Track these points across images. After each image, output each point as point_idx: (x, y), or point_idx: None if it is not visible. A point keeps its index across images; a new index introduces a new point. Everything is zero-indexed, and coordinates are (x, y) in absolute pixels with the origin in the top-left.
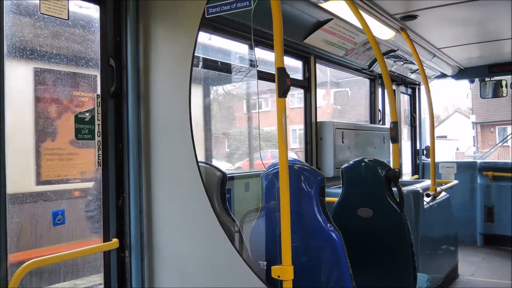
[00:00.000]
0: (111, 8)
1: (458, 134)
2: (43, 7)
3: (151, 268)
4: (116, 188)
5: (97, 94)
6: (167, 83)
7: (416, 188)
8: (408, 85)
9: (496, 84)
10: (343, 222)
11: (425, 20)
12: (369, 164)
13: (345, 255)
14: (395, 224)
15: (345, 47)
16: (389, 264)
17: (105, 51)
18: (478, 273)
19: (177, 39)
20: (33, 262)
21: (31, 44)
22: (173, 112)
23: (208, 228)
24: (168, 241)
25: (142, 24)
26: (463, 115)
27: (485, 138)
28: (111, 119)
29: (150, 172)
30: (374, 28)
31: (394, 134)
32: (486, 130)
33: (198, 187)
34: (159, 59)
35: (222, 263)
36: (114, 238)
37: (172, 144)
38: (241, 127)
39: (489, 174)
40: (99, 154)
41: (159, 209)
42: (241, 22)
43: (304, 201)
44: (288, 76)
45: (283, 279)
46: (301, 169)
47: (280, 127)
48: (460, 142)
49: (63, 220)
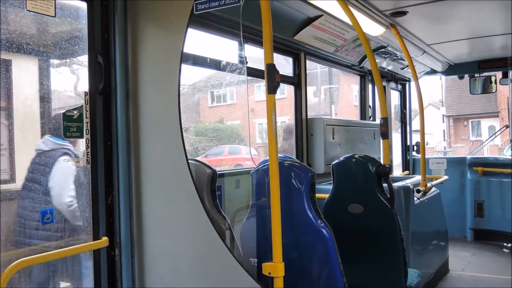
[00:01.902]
0: (98, 5)
1: (430, 128)
2: (29, 5)
3: (141, 266)
4: (105, 186)
5: (85, 91)
6: (156, 80)
7: (406, 184)
8: (398, 81)
9: (485, 80)
10: (334, 218)
11: (415, 16)
12: (359, 160)
13: (336, 251)
14: (386, 220)
15: (335, 44)
16: (380, 259)
17: (93, 48)
18: (468, 268)
19: (166, 35)
20: (21, 262)
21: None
22: (162, 109)
23: (199, 225)
24: (158, 239)
25: (131, 21)
26: (436, 107)
27: (458, 132)
28: (99, 117)
29: (139, 170)
30: (364, 24)
31: (384, 130)
32: (459, 124)
33: (188, 184)
34: (147, 56)
35: (213, 260)
36: (104, 236)
37: (161, 142)
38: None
39: (479, 170)
40: (88, 152)
41: (149, 207)
42: (230, 19)
43: (295, 198)
44: (278, 72)
45: (274, 276)
46: (291, 165)
47: (270, 124)
48: (432, 136)
49: (52, 218)
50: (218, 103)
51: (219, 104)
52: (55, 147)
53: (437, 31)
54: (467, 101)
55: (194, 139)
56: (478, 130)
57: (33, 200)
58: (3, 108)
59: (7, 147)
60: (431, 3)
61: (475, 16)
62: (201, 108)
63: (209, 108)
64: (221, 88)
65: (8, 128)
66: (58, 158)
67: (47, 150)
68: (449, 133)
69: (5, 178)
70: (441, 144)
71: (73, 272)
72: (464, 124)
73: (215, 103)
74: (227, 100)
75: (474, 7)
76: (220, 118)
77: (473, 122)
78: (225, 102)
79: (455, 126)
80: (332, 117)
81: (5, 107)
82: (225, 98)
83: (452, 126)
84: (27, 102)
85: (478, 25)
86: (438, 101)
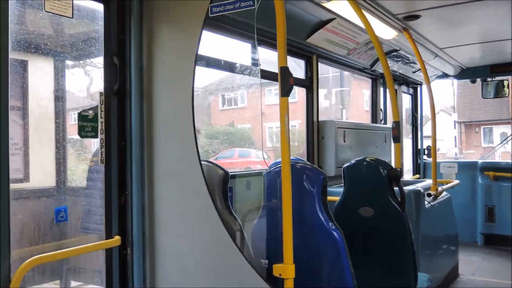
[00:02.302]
0: (115, 7)
1: (441, 134)
2: (47, 5)
3: (153, 266)
4: (119, 185)
5: (100, 91)
6: (170, 81)
7: (417, 187)
8: (410, 85)
9: (498, 84)
10: (345, 221)
11: (428, 20)
12: (370, 164)
13: (347, 254)
14: (396, 223)
15: (348, 47)
16: (390, 263)
17: (109, 49)
18: (478, 273)
19: (180, 37)
20: (35, 259)
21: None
22: (176, 110)
23: (210, 226)
24: (170, 239)
25: (146, 23)
26: (447, 113)
27: (470, 139)
28: (114, 117)
29: (152, 170)
30: (377, 27)
31: (396, 134)
32: (471, 130)
33: (201, 185)
34: (162, 57)
35: (224, 261)
36: (116, 235)
37: (174, 142)
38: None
39: (490, 174)
40: (102, 152)
41: (161, 206)
42: (243, 21)
43: (306, 200)
44: (291, 75)
45: (284, 278)
46: (303, 168)
47: (282, 126)
48: (444, 142)
49: (66, 217)
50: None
51: (230, 107)
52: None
53: (449, 35)
54: (479, 107)
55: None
56: (490, 137)
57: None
58: (19, 108)
59: (22, 147)
60: (444, 7)
61: (487, 20)
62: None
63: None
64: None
65: (24, 128)
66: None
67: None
68: (461, 140)
69: (19, 177)
70: (452, 151)
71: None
72: (476, 131)
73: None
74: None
75: (487, 11)
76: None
77: (485, 128)
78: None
79: (466, 132)
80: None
81: (21, 107)
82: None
83: (463, 132)
84: (42, 102)
85: (490, 29)
86: (449, 107)
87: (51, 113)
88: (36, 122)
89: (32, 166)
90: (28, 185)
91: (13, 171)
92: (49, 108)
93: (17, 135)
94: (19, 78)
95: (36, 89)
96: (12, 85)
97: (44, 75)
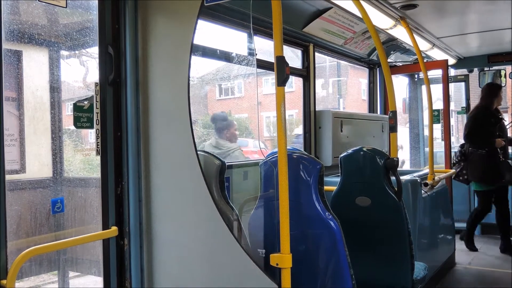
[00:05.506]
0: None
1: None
2: None
3: (150, 256)
4: (115, 176)
5: (95, 82)
6: (166, 71)
7: (414, 177)
8: None
9: (495, 74)
10: (342, 211)
11: (425, 9)
12: (367, 153)
13: (343, 243)
14: (393, 213)
15: (345, 36)
16: (387, 252)
17: (103, 39)
18: (475, 262)
19: (176, 27)
20: (32, 250)
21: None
22: (171, 100)
23: (207, 216)
24: (167, 229)
25: (141, 12)
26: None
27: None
28: (109, 107)
29: (149, 160)
30: (374, 17)
31: (393, 123)
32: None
33: (197, 175)
34: (158, 47)
35: (221, 251)
36: (113, 226)
37: (170, 132)
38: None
39: None
40: (98, 142)
41: (158, 197)
42: (239, 10)
43: (303, 190)
44: (287, 64)
45: (281, 267)
46: (299, 157)
47: (279, 116)
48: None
49: (62, 208)
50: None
51: (227, 97)
52: None
53: (447, 24)
54: (476, 97)
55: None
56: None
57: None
58: (14, 98)
59: (17, 138)
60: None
61: (485, 9)
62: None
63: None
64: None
65: (19, 119)
66: None
67: None
68: (457, 128)
69: (16, 168)
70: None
71: None
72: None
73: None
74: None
75: (484, 1)
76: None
77: None
78: (233, 95)
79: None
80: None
81: (16, 98)
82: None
83: (460, 121)
84: (37, 93)
85: (488, 18)
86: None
87: (47, 104)
88: (32, 112)
89: (28, 157)
90: (24, 176)
91: (9, 162)
92: (45, 98)
93: (12, 126)
94: (13, 68)
95: (31, 79)
96: (6, 76)
97: (39, 65)
